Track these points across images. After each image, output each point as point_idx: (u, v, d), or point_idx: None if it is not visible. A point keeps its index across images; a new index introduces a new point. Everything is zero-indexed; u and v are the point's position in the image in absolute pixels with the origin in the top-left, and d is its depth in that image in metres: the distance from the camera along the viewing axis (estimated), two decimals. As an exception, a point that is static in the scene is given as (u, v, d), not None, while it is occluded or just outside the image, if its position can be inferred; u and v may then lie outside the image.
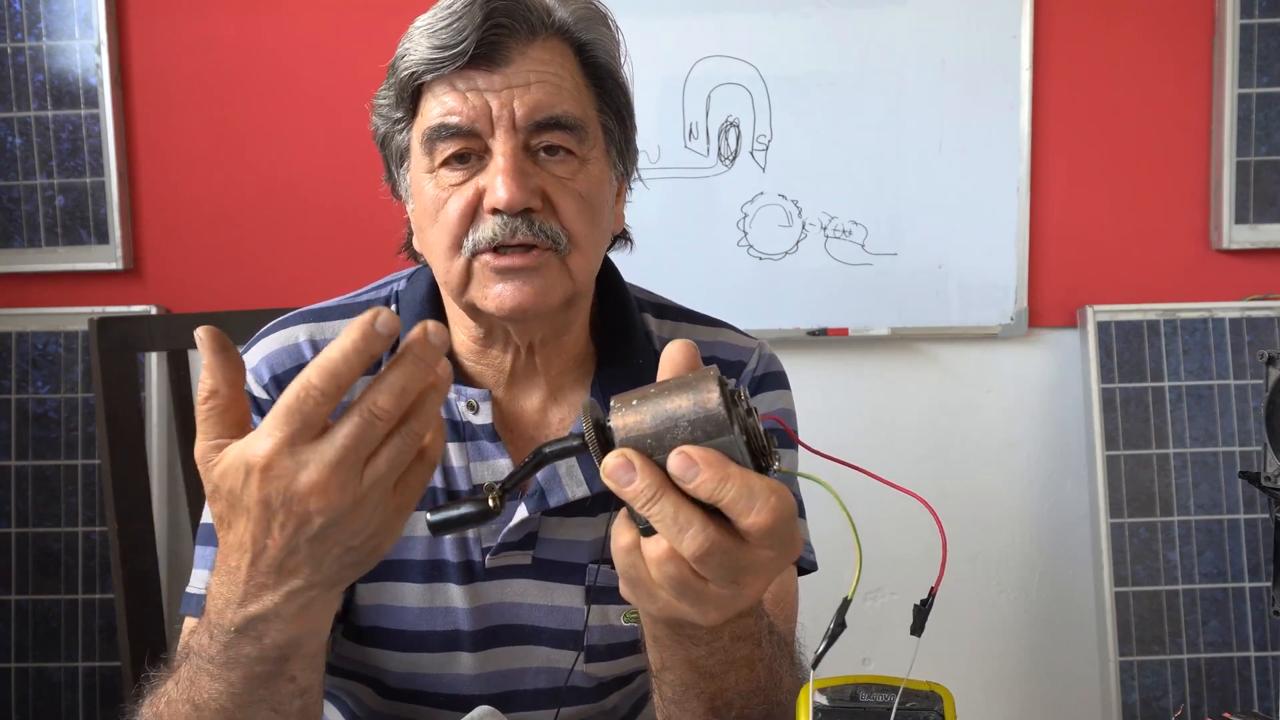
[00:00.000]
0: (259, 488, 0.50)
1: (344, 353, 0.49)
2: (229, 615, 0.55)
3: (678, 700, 0.67)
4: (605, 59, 0.81)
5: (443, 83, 0.76)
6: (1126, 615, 1.90)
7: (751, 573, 0.50)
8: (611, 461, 0.49)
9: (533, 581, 0.85)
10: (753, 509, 0.47)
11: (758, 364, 0.93)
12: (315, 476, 0.49)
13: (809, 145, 1.95)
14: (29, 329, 1.99)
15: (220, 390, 0.52)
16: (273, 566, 0.52)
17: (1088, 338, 1.95)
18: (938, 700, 0.56)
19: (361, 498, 0.50)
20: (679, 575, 0.50)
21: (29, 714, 1.94)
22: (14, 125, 2.00)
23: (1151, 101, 1.97)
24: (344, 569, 0.53)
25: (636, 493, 0.48)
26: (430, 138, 0.77)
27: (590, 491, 0.83)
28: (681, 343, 0.53)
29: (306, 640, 0.57)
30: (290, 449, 0.49)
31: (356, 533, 0.52)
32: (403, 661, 0.86)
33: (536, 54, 0.77)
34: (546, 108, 0.76)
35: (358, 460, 0.50)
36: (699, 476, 0.47)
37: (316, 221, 2.02)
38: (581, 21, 0.79)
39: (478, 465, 0.84)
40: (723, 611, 0.52)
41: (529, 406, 0.87)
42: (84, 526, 1.95)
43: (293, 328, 0.86)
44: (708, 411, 0.48)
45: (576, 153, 0.78)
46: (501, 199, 0.74)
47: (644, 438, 0.49)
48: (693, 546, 0.48)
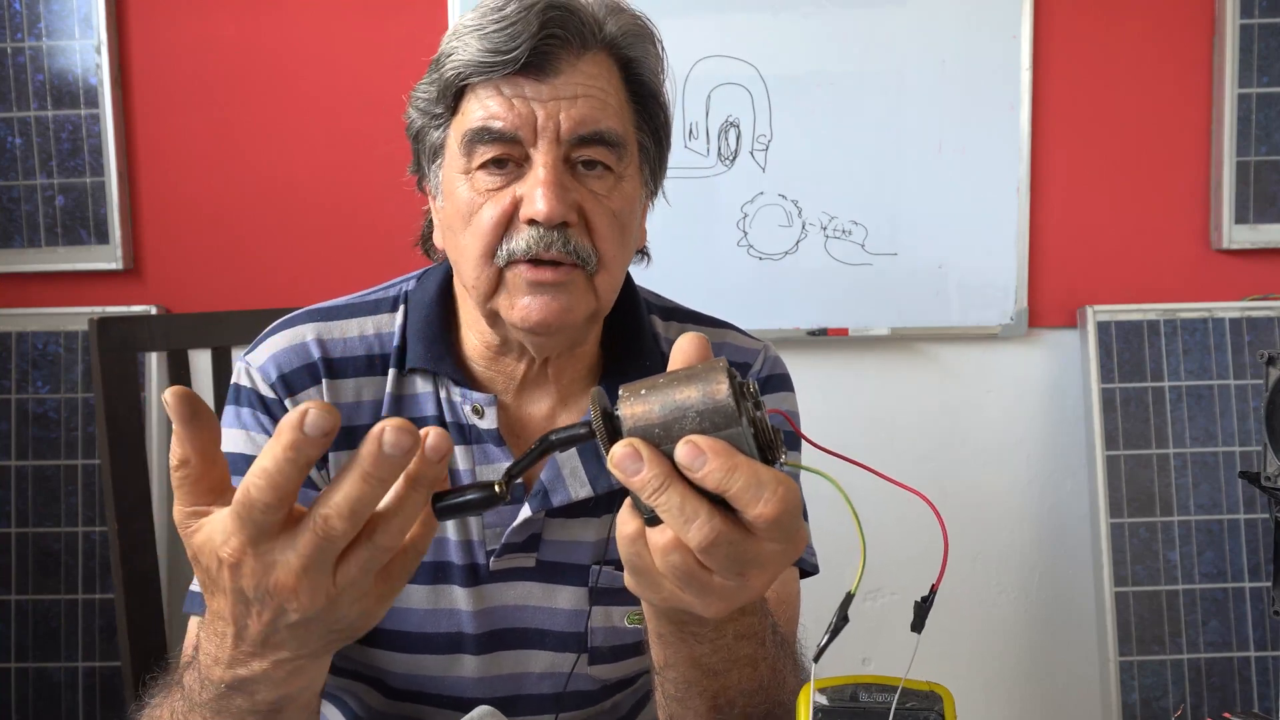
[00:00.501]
0: (231, 580, 0.48)
1: (276, 462, 0.45)
2: (218, 672, 0.54)
3: (680, 698, 0.67)
4: (649, 77, 0.82)
5: (489, 86, 0.76)
6: (1126, 615, 1.90)
7: (756, 565, 0.50)
8: (619, 451, 0.48)
9: (536, 584, 0.85)
10: (760, 499, 0.47)
11: (763, 365, 0.94)
12: (284, 580, 0.47)
13: (809, 145, 1.95)
14: (29, 329, 1.99)
15: (191, 460, 0.49)
16: (256, 642, 0.51)
17: (1088, 338, 1.95)
18: (938, 700, 0.56)
19: (336, 596, 0.49)
20: (684, 565, 0.50)
21: (29, 714, 1.94)
22: (14, 125, 2.00)
23: (1151, 101, 1.97)
24: (330, 644, 0.52)
25: (643, 482, 0.48)
26: (471, 139, 0.76)
27: (594, 492, 0.83)
28: (692, 335, 0.53)
29: (299, 695, 0.56)
30: (254, 550, 0.47)
31: (337, 620, 0.50)
32: (405, 663, 0.86)
33: (585, 67, 0.77)
34: (591, 123, 0.76)
35: (324, 566, 0.48)
36: (707, 466, 0.47)
37: (316, 221, 2.02)
38: (629, 37, 0.79)
39: (483, 469, 0.84)
40: (726, 604, 0.52)
41: (537, 412, 0.87)
42: (84, 526, 1.95)
43: (300, 326, 0.86)
44: (716, 403, 0.48)
45: (614, 169, 0.78)
46: (540, 211, 0.74)
47: (652, 427, 0.48)
48: (698, 537, 0.48)
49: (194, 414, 0.47)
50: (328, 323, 0.86)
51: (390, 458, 0.45)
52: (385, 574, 0.51)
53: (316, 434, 0.45)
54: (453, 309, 0.88)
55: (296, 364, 0.84)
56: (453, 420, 0.84)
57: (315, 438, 0.45)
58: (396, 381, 0.85)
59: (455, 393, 0.84)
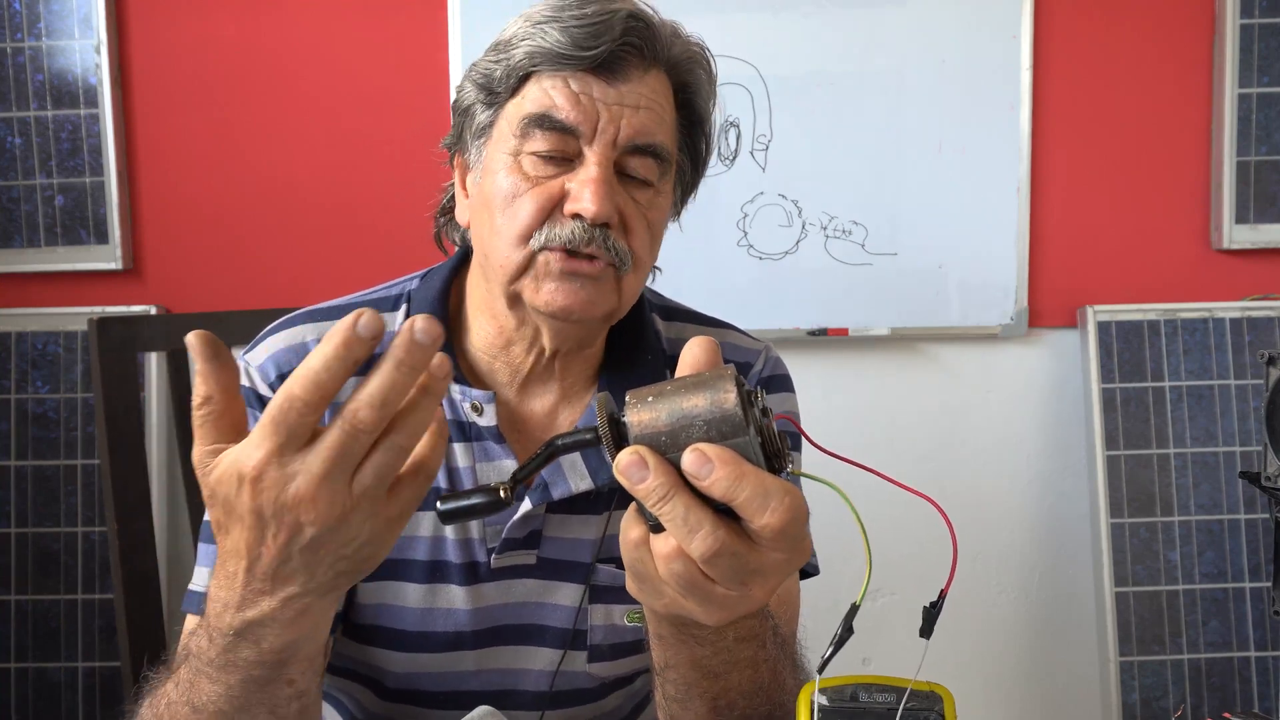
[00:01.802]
0: (251, 498, 0.50)
1: (325, 360, 0.48)
2: (227, 619, 0.55)
3: (680, 699, 0.67)
4: (701, 104, 0.85)
5: (557, 77, 0.77)
6: (1126, 615, 1.90)
7: (760, 575, 0.50)
8: (625, 458, 0.48)
9: (537, 581, 0.85)
10: (767, 509, 0.47)
11: (764, 366, 0.94)
12: (303, 489, 0.49)
13: (809, 145, 1.95)
14: (29, 329, 1.99)
15: (214, 396, 0.51)
16: (268, 574, 0.52)
17: (1088, 338, 1.95)
18: (938, 700, 0.56)
19: (351, 509, 0.50)
20: (686, 574, 0.50)
21: (29, 714, 1.94)
22: (14, 125, 2.00)
23: (1151, 101, 1.97)
24: (339, 576, 0.53)
25: (648, 491, 0.48)
26: (530, 123, 0.77)
27: (595, 484, 0.83)
28: (702, 339, 0.53)
29: (304, 644, 0.57)
30: (279, 460, 0.49)
31: (348, 542, 0.51)
32: (403, 661, 0.86)
33: (650, 81, 0.79)
34: (648, 134, 0.78)
35: (344, 472, 0.49)
36: (714, 474, 0.47)
37: (316, 221, 2.02)
38: (688, 61, 0.83)
39: (483, 466, 0.84)
40: (728, 613, 0.52)
41: (539, 409, 0.87)
42: (84, 526, 1.95)
43: (299, 326, 0.86)
44: (724, 411, 0.47)
45: (655, 184, 0.80)
46: (589, 209, 0.75)
47: (658, 435, 0.48)
48: (702, 548, 0.48)
49: (216, 353, 0.51)
50: (328, 322, 0.86)
51: (422, 345, 0.47)
52: (395, 493, 0.52)
53: (369, 334, 0.47)
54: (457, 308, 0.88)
55: (295, 363, 0.83)
56: (452, 418, 0.84)
57: (366, 339, 0.47)
58: None
59: (455, 390, 0.84)
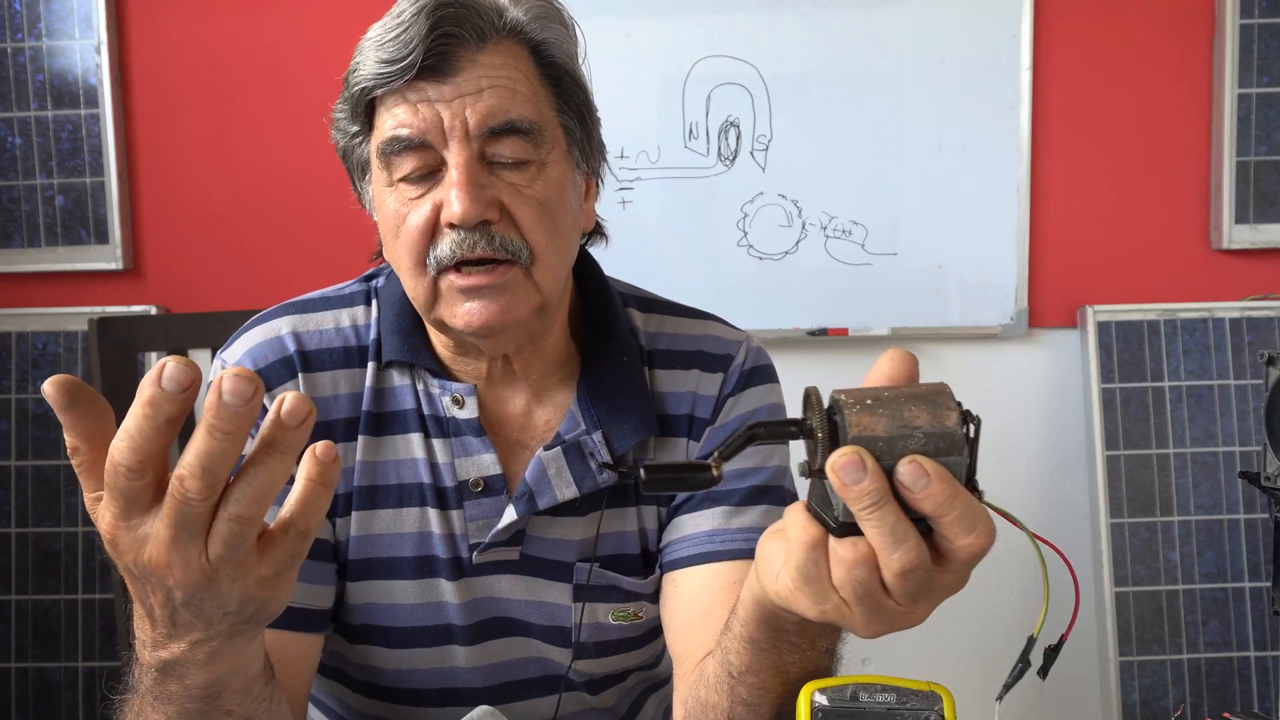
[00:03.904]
0: (118, 557, 0.48)
1: (136, 421, 0.44)
2: (147, 656, 0.54)
3: (754, 704, 0.67)
4: (562, 58, 0.79)
5: (395, 95, 0.75)
6: (1126, 615, 1.90)
7: (932, 594, 0.50)
8: (843, 458, 0.47)
9: (520, 577, 0.85)
10: (973, 530, 0.47)
11: (746, 358, 0.91)
12: (155, 555, 0.46)
13: (809, 145, 1.95)
14: (29, 329, 1.99)
15: (80, 447, 0.46)
16: (166, 622, 0.51)
17: (1088, 338, 1.95)
18: (938, 700, 0.56)
19: (212, 573, 0.47)
20: (868, 583, 0.49)
21: (29, 714, 1.94)
22: (14, 125, 2.00)
23: (1151, 102, 1.97)
24: (236, 625, 0.51)
25: (863, 493, 0.47)
26: (384, 151, 0.76)
27: (579, 492, 0.83)
28: (901, 352, 0.52)
29: (232, 678, 0.56)
30: (126, 524, 0.46)
31: (225, 601, 0.49)
32: (397, 658, 0.86)
33: (488, 59, 0.75)
34: (500, 113, 0.74)
35: (192, 537, 0.46)
36: (930, 488, 0.46)
37: (316, 222, 2.02)
38: (535, 20, 0.77)
39: (463, 461, 0.83)
40: (888, 627, 0.52)
41: (512, 409, 0.86)
42: (84, 526, 1.95)
43: (276, 320, 0.86)
44: (945, 428, 0.48)
45: (533, 158, 0.76)
46: (456, 213, 0.72)
47: (876, 439, 0.48)
48: (904, 561, 0.48)
49: (72, 401, 0.45)
50: (304, 315, 0.86)
51: (230, 406, 0.43)
52: (266, 554, 0.48)
53: (175, 389, 0.43)
54: None
55: (272, 358, 0.83)
56: (431, 413, 0.84)
57: (174, 393, 0.43)
58: (375, 375, 0.85)
59: (433, 384, 0.84)
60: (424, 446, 0.83)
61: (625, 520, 0.86)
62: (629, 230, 1.97)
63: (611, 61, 1.94)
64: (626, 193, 1.97)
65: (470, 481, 0.83)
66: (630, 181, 1.97)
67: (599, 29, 1.93)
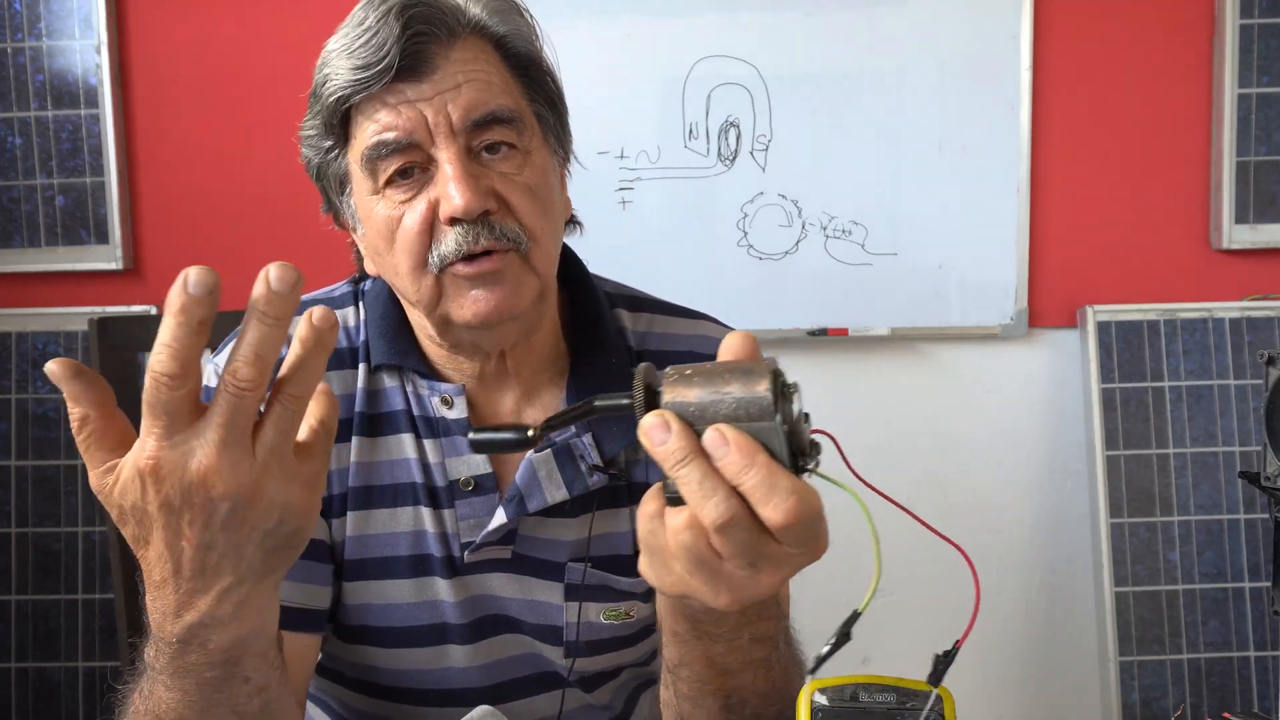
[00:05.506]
0: (156, 492, 0.48)
1: (171, 330, 0.47)
2: (169, 628, 0.53)
3: (693, 697, 0.67)
4: (526, 48, 0.80)
5: (372, 101, 0.75)
6: (1126, 615, 1.90)
7: (770, 561, 0.50)
8: (650, 420, 0.49)
9: (512, 576, 0.85)
10: (769, 502, 0.47)
11: None
12: (205, 460, 0.48)
13: (809, 145, 1.95)
14: (29, 329, 1.99)
15: (90, 414, 0.49)
16: (196, 569, 0.51)
17: (1088, 338, 1.95)
18: (938, 700, 0.56)
19: (261, 473, 0.49)
20: (695, 546, 0.50)
21: (29, 714, 1.94)
22: (14, 125, 2.00)
23: (1151, 102, 1.97)
24: (269, 555, 0.52)
25: (668, 453, 0.48)
26: (370, 158, 0.76)
27: (569, 494, 0.83)
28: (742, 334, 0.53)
29: (252, 640, 0.55)
30: (170, 441, 0.48)
31: (268, 512, 0.50)
32: (394, 658, 0.86)
33: (459, 55, 0.75)
34: (481, 105, 0.75)
35: (243, 434, 0.48)
36: (729, 455, 0.47)
37: (316, 222, 2.01)
38: (495, 15, 0.78)
39: (453, 461, 0.83)
40: (735, 595, 0.52)
41: (502, 409, 0.86)
42: (84, 526, 1.95)
43: None
44: (755, 394, 0.48)
45: (518, 145, 0.77)
46: (458, 206, 0.73)
47: (687, 405, 0.49)
48: (714, 514, 0.48)
49: (77, 372, 0.48)
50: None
51: (278, 293, 0.47)
52: (304, 453, 0.52)
53: (202, 292, 0.47)
54: None
55: None
56: (420, 414, 0.84)
57: (202, 296, 0.47)
58: (367, 376, 0.85)
59: (422, 385, 0.84)
60: (415, 446, 0.84)
61: (618, 521, 0.87)
62: (629, 230, 1.97)
63: (611, 61, 1.94)
64: (626, 193, 1.97)
65: (461, 480, 0.83)
66: (630, 181, 1.97)
67: (599, 29, 1.93)
